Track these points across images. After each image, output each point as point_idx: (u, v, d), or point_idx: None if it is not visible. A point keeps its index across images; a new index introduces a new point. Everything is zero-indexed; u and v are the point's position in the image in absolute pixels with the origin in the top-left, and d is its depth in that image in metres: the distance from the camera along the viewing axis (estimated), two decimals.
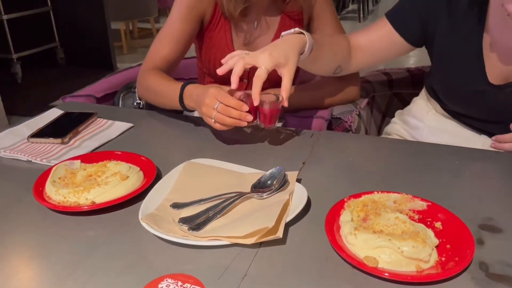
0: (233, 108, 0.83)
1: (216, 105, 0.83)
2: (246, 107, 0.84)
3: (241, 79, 1.20)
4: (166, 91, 0.98)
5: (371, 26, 1.03)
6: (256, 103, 0.80)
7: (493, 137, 0.90)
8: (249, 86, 1.21)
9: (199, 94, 0.88)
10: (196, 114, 1.33)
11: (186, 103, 0.93)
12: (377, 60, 1.04)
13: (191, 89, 0.92)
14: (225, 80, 1.22)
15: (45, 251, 0.61)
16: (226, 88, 0.88)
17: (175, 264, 0.57)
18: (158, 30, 5.04)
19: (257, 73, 0.79)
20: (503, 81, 0.91)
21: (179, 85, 0.95)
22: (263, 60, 0.79)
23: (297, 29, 0.87)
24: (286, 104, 0.82)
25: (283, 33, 0.87)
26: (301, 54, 0.86)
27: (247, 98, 0.85)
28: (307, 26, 1.18)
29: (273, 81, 1.19)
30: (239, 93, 0.87)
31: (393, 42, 0.99)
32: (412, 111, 1.14)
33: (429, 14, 0.94)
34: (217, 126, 0.85)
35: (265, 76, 0.79)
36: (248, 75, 1.18)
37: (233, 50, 1.15)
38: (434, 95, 1.06)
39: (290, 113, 1.12)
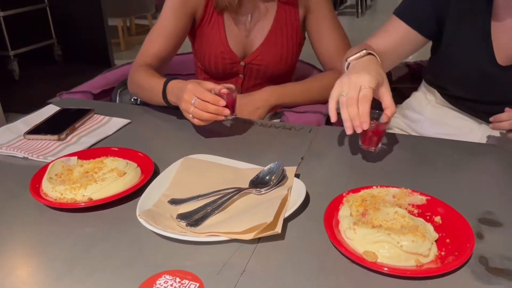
0: (210, 103, 0.83)
1: (194, 100, 0.83)
2: (223, 102, 0.84)
3: (236, 74, 1.20)
4: (152, 86, 0.98)
5: (386, 28, 1.01)
6: (366, 126, 0.73)
7: (491, 118, 0.90)
8: (245, 81, 1.20)
9: (179, 89, 0.89)
10: None
11: (169, 98, 0.94)
12: (398, 61, 1.04)
13: (173, 84, 0.92)
14: (220, 77, 1.22)
15: (42, 248, 0.60)
16: (205, 83, 0.88)
17: (173, 260, 0.57)
18: None
19: (364, 93, 0.75)
20: (511, 61, 0.91)
21: (163, 80, 0.95)
22: (366, 79, 0.75)
23: (364, 50, 0.86)
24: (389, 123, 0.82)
25: (351, 58, 0.86)
26: None
27: (225, 93, 0.85)
28: (303, 19, 1.17)
29: (269, 77, 1.19)
30: (218, 87, 0.87)
31: (412, 40, 0.99)
32: (412, 104, 1.14)
33: (439, 2, 0.94)
34: (196, 122, 0.86)
35: (371, 96, 0.75)
36: (243, 70, 1.18)
37: (227, 46, 1.14)
38: (436, 83, 1.06)
39: (288, 108, 1.12)
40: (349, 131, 0.75)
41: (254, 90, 1.16)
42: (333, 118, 0.77)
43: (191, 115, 0.85)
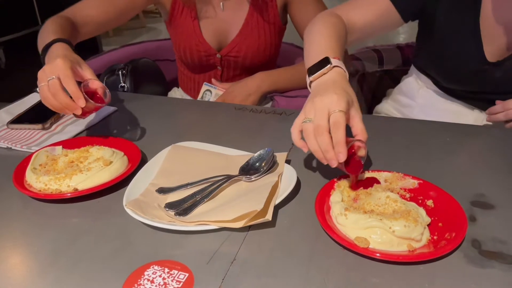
0: (66, 93, 0.71)
1: (50, 78, 0.71)
2: (82, 102, 0.71)
3: (214, 66, 1.16)
4: (44, 38, 0.85)
5: (365, 3, 0.93)
6: (343, 158, 0.60)
7: (486, 111, 0.90)
8: (223, 73, 1.17)
9: (53, 55, 0.77)
10: (176, 94, 1.30)
11: (45, 56, 0.81)
12: (369, 38, 1.00)
13: (57, 48, 0.79)
14: (197, 69, 1.18)
15: (27, 240, 0.59)
16: (86, 69, 0.76)
17: (161, 250, 0.56)
18: (144, 12, 4.96)
19: (334, 119, 0.61)
20: (500, 57, 0.90)
21: (55, 37, 0.82)
22: (333, 101, 0.62)
23: (328, 65, 0.70)
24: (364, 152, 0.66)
25: (313, 76, 0.71)
26: None
27: (95, 94, 0.75)
28: (283, 7, 1.13)
29: (248, 68, 1.15)
30: (95, 85, 0.76)
31: (389, 19, 0.93)
32: (403, 89, 1.12)
33: None
34: (42, 99, 0.73)
35: (344, 121, 0.61)
36: (221, 62, 1.15)
37: (201, 37, 1.11)
38: (426, 72, 1.04)
39: (278, 93, 1.10)
40: (324, 162, 0.62)
41: (235, 81, 1.13)
42: (305, 149, 0.65)
43: (37, 89, 0.73)
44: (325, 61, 0.71)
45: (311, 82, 0.72)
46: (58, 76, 0.71)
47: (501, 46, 0.90)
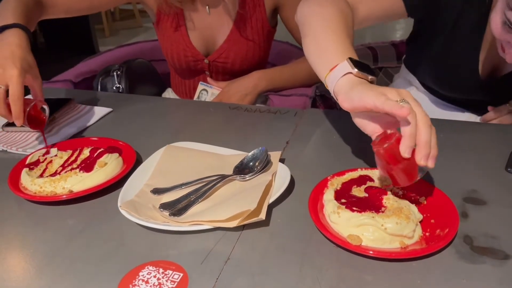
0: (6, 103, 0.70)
1: None
2: (19, 123, 0.71)
3: (202, 71, 1.16)
4: (2, 12, 0.80)
5: None
6: (433, 164, 0.55)
7: (480, 119, 0.91)
8: (212, 78, 1.16)
9: (5, 49, 0.72)
10: (169, 95, 1.30)
11: None
12: (369, 25, 0.97)
13: (13, 38, 0.74)
14: (186, 74, 1.18)
15: (22, 242, 0.59)
16: (34, 76, 0.73)
17: (156, 251, 0.56)
18: (140, 11, 4.95)
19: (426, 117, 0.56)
20: (491, 75, 0.91)
21: (14, 18, 0.78)
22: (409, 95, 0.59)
23: (356, 70, 0.62)
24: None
25: (335, 83, 0.64)
26: None
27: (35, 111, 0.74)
28: (272, 9, 1.12)
29: (237, 73, 1.14)
30: (39, 102, 0.74)
31: (395, 14, 0.89)
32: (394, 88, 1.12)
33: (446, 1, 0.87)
34: None
35: None
36: (209, 67, 1.15)
37: (189, 42, 1.10)
38: (416, 74, 1.04)
39: (273, 92, 1.11)
40: (408, 153, 0.54)
41: None
42: (406, 112, 0.53)
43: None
44: (369, 68, 0.64)
45: (347, 73, 0.63)
46: (6, 88, 0.68)
47: (494, 66, 0.90)
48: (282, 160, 0.73)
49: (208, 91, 1.15)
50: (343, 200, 0.59)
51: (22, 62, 0.72)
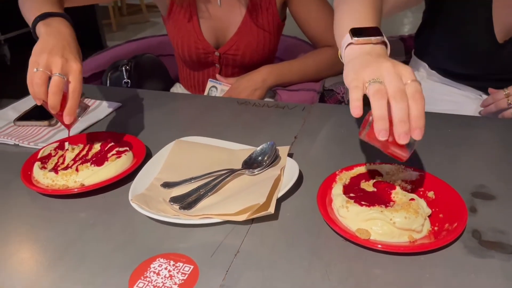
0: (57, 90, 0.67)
1: (57, 74, 0.67)
2: (68, 119, 0.68)
3: (212, 63, 1.16)
4: (35, 2, 0.82)
5: None
6: (420, 135, 0.53)
7: (480, 104, 0.91)
8: (222, 71, 1.17)
9: (51, 38, 0.72)
10: (178, 90, 1.31)
11: (37, 32, 0.77)
12: (394, 12, 0.97)
13: (61, 27, 0.75)
14: (196, 66, 1.18)
15: (35, 235, 0.60)
16: (75, 66, 0.69)
17: (167, 243, 0.57)
18: (147, 6, 4.96)
19: (416, 88, 0.54)
20: (507, 36, 0.90)
21: (48, 6, 0.78)
22: (409, 72, 0.56)
23: (379, 37, 0.62)
24: None
25: (355, 41, 0.62)
26: None
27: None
28: (282, 2, 1.12)
29: (247, 66, 1.15)
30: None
31: None
32: None
33: None
34: (31, 82, 0.68)
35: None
36: (219, 60, 1.15)
37: (201, 35, 1.10)
38: (426, 55, 1.04)
39: (281, 87, 1.11)
40: (384, 135, 0.52)
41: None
42: (359, 112, 0.54)
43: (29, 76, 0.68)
44: (376, 30, 0.62)
45: (349, 44, 0.62)
46: (67, 78, 0.68)
47: (508, 26, 0.89)
48: (290, 155, 0.74)
49: (218, 88, 1.15)
50: (351, 195, 0.60)
51: (81, 56, 0.72)
